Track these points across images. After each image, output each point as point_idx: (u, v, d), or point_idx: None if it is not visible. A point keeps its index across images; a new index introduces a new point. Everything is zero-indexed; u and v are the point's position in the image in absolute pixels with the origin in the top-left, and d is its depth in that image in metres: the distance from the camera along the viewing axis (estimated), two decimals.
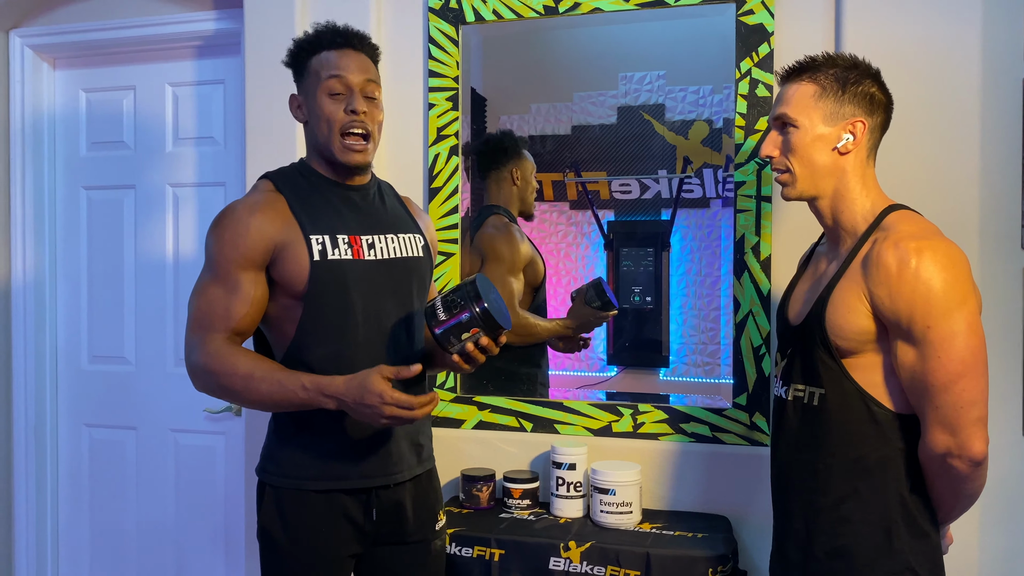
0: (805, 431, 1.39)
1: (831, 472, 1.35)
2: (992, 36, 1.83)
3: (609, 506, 1.89)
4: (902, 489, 1.32)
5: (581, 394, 2.25)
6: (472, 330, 1.42)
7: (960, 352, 1.24)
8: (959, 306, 1.25)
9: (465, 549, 1.82)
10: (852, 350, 1.32)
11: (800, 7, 1.96)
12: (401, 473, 1.59)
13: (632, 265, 2.26)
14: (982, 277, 1.84)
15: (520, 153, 2.32)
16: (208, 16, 2.43)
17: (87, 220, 2.67)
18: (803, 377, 1.39)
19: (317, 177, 1.60)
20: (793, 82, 1.40)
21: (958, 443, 1.25)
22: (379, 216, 1.63)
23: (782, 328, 1.50)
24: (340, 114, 1.52)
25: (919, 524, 1.32)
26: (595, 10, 2.08)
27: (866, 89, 1.37)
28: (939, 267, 1.24)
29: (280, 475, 1.55)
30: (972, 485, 1.31)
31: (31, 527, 2.64)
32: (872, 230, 1.34)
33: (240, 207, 1.53)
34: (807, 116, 1.37)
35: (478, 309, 1.41)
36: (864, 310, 1.30)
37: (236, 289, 1.49)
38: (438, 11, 2.19)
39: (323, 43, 1.56)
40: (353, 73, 1.54)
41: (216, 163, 2.53)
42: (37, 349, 2.64)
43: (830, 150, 1.37)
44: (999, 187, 1.84)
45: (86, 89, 2.66)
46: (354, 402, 1.41)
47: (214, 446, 2.54)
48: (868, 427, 1.32)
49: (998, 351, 1.83)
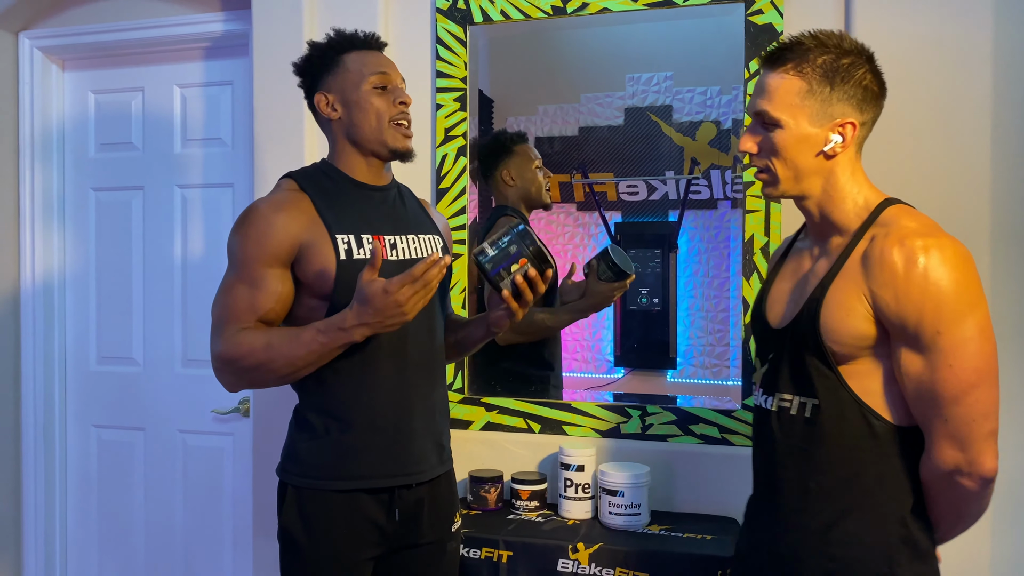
0: (792, 445, 1.27)
1: (823, 491, 1.23)
2: (1003, 34, 1.82)
3: (617, 508, 1.88)
4: (902, 508, 1.20)
5: (589, 395, 2.25)
6: (521, 261, 1.48)
7: (973, 360, 1.14)
8: (972, 310, 1.14)
9: (473, 551, 1.82)
10: (849, 356, 1.20)
11: (810, 6, 1.95)
12: (423, 473, 1.58)
13: (639, 266, 2.25)
14: (993, 277, 1.83)
15: (509, 151, 2.29)
16: (216, 17, 2.44)
17: (96, 221, 2.67)
18: (792, 386, 1.27)
19: (341, 177, 1.61)
20: (777, 71, 1.24)
21: (968, 459, 1.15)
22: (400, 217, 1.65)
23: (761, 331, 1.36)
24: (390, 106, 1.60)
25: (921, 547, 1.21)
26: (603, 10, 2.08)
27: (858, 81, 1.22)
28: (950, 267, 1.14)
29: (301, 475, 1.55)
30: (979, 504, 1.22)
31: (40, 527, 2.65)
32: (868, 226, 1.22)
33: (264, 205, 1.53)
34: (791, 115, 1.22)
35: (526, 241, 1.49)
36: (864, 312, 1.18)
37: (260, 284, 1.49)
38: (446, 12, 2.19)
39: (356, 43, 1.63)
40: (392, 71, 1.64)
41: (224, 164, 2.53)
42: (46, 350, 2.65)
43: (816, 153, 1.23)
44: (1011, 185, 1.82)
45: (95, 90, 2.67)
46: (370, 315, 1.40)
47: (222, 447, 2.54)
48: (865, 441, 1.20)
49: (1011, 352, 1.82)
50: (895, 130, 1.87)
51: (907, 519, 1.21)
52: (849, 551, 1.21)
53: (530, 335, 2.21)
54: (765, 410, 1.32)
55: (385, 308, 1.39)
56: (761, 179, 1.30)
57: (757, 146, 1.27)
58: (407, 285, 1.38)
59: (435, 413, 1.63)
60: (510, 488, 2.04)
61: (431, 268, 1.38)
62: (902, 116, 1.87)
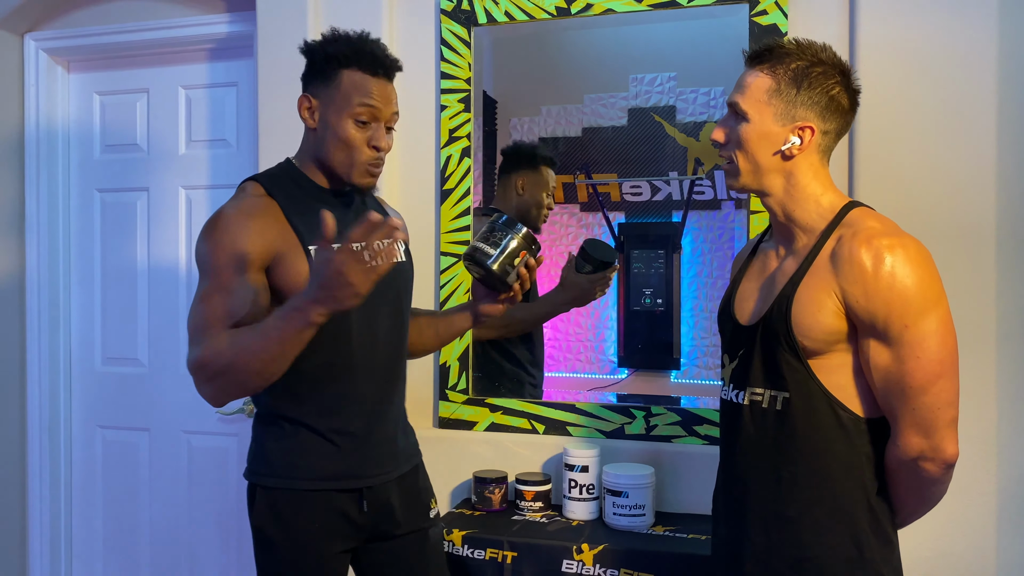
0: (764, 437, 1.31)
1: (795, 480, 1.27)
2: (1009, 35, 1.82)
3: (622, 508, 1.88)
4: (868, 495, 1.26)
5: (593, 396, 2.25)
6: (521, 253, 1.49)
7: (938, 352, 1.20)
8: (935, 305, 1.21)
9: (477, 551, 1.82)
10: (819, 350, 1.26)
11: (814, 7, 1.95)
12: (390, 472, 1.60)
13: (643, 267, 2.25)
14: (999, 277, 1.82)
15: (535, 167, 2.30)
16: (221, 19, 2.44)
17: (101, 222, 2.68)
18: (763, 380, 1.31)
19: (307, 183, 1.56)
20: (754, 68, 1.31)
21: (932, 445, 1.21)
22: None
23: (730, 329, 1.41)
24: (364, 146, 1.50)
25: (885, 530, 1.28)
26: (607, 11, 2.08)
27: (825, 91, 1.28)
28: (914, 265, 1.20)
29: (272, 475, 1.54)
30: (940, 488, 1.28)
31: (45, 528, 2.66)
32: (834, 226, 1.28)
33: (234, 211, 1.47)
34: (758, 111, 1.29)
35: (521, 233, 1.49)
36: (834, 308, 1.23)
37: (236, 291, 1.42)
38: (450, 13, 2.20)
39: (362, 62, 1.51)
40: (385, 106, 1.52)
41: (229, 165, 2.54)
42: (51, 351, 2.66)
43: (773, 152, 1.29)
44: (1016, 188, 1.82)
45: (100, 92, 2.67)
46: (318, 289, 1.30)
47: (226, 447, 2.54)
48: (835, 432, 1.26)
49: (1016, 351, 1.82)
50: (900, 131, 1.87)
51: (872, 504, 1.26)
52: (820, 538, 1.26)
53: (506, 329, 2.21)
54: (736, 404, 1.36)
55: (329, 277, 1.28)
56: (725, 169, 1.36)
57: (725, 136, 1.34)
58: (345, 252, 1.27)
59: (399, 413, 1.66)
60: (514, 489, 2.04)
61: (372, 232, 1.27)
62: (907, 117, 1.87)
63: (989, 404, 1.82)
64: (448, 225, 2.20)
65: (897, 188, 1.87)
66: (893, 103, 1.88)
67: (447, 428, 2.21)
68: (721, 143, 1.34)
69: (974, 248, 1.83)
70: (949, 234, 1.84)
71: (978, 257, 1.83)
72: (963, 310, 1.65)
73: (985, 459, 1.81)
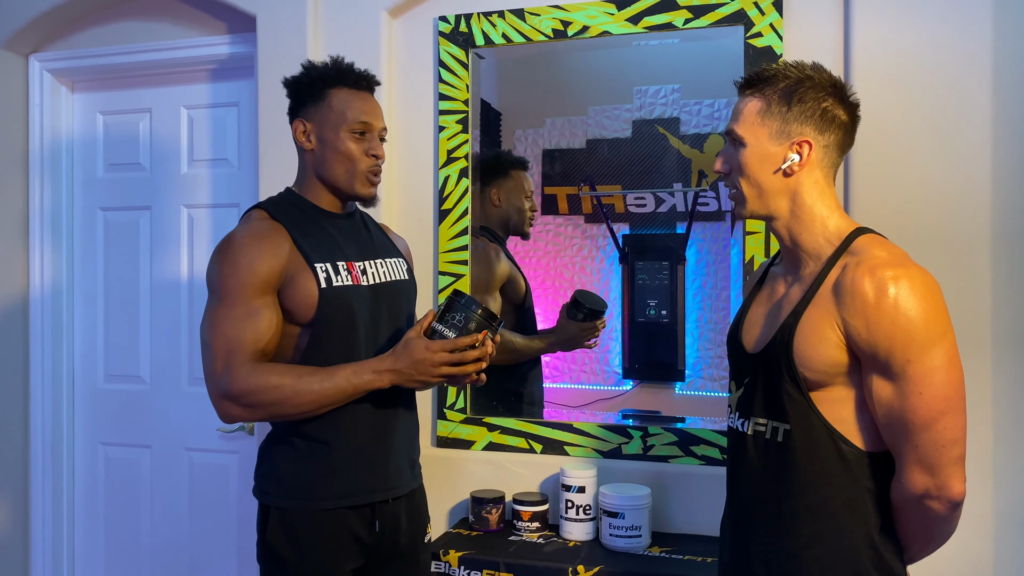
0: (767, 469, 1.28)
1: (796, 515, 1.24)
2: (1003, 47, 1.82)
3: (618, 529, 1.88)
4: (871, 530, 1.22)
5: (591, 416, 2.25)
6: (482, 332, 1.49)
7: (942, 388, 1.15)
8: (940, 339, 1.16)
9: (474, 572, 1.82)
10: (821, 383, 1.22)
11: (808, 30, 1.96)
12: (400, 487, 1.64)
13: (647, 279, 2.25)
14: (994, 283, 1.82)
15: (505, 173, 2.31)
16: (222, 40, 2.47)
17: (104, 240, 2.70)
18: (765, 411, 1.28)
19: (309, 207, 1.64)
20: (745, 95, 1.31)
21: (937, 484, 1.17)
22: (367, 243, 1.69)
23: (736, 355, 1.38)
24: (363, 156, 1.61)
25: (889, 564, 1.23)
26: (604, 33, 2.09)
27: (817, 103, 1.26)
28: (919, 297, 1.15)
29: (286, 497, 1.57)
30: (948, 527, 1.23)
31: (47, 544, 2.67)
32: (840, 254, 1.24)
33: (245, 235, 1.54)
34: (753, 134, 1.28)
35: (478, 313, 1.49)
36: (836, 340, 1.20)
37: (257, 313, 1.50)
38: (448, 35, 2.21)
39: (346, 80, 1.62)
40: (376, 118, 1.63)
41: (230, 184, 2.56)
42: (54, 368, 2.68)
43: (774, 171, 1.27)
44: (1011, 192, 1.82)
45: (103, 112, 2.70)
46: (405, 364, 1.48)
47: (228, 464, 2.55)
48: (836, 466, 1.22)
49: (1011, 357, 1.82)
50: (895, 147, 1.87)
51: (875, 540, 1.23)
52: (821, 573, 1.23)
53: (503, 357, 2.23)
54: (741, 433, 1.33)
55: (421, 363, 1.47)
56: (731, 198, 1.34)
57: (726, 165, 1.33)
58: (447, 351, 1.47)
59: (409, 430, 1.69)
60: (511, 509, 2.04)
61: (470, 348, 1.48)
62: (902, 136, 1.87)
63: (985, 424, 1.82)
64: (446, 245, 2.21)
65: (892, 194, 1.87)
66: (888, 122, 1.88)
67: (445, 447, 2.22)
68: (724, 172, 1.34)
69: (969, 252, 1.83)
70: (944, 242, 1.84)
71: (973, 264, 1.83)
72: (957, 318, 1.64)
73: (982, 480, 1.80)
